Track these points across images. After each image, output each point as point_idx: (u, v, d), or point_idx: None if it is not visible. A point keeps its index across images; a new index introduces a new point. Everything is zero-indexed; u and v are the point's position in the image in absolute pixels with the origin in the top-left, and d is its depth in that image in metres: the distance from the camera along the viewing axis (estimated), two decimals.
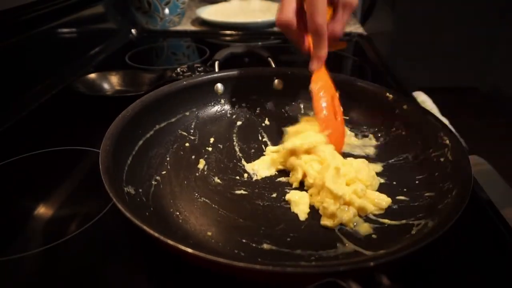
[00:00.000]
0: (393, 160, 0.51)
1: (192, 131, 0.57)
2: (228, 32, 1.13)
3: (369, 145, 0.55)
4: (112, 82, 0.73)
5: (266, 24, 1.15)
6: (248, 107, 0.62)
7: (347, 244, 0.39)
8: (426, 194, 0.43)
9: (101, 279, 0.37)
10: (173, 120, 0.55)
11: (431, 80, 2.18)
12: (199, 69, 0.72)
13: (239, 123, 0.60)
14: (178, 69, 0.72)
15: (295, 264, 0.31)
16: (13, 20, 0.70)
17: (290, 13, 0.51)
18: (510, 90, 2.37)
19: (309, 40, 0.55)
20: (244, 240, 0.39)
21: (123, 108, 0.48)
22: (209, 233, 0.40)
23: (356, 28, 1.16)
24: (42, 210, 0.46)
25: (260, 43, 1.07)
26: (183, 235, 0.39)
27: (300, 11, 0.51)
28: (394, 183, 0.47)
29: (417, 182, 0.46)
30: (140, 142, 0.49)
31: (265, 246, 0.39)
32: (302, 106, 0.62)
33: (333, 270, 0.28)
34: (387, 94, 0.55)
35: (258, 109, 0.62)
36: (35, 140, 0.59)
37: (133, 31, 1.10)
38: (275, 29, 1.16)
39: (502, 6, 2.28)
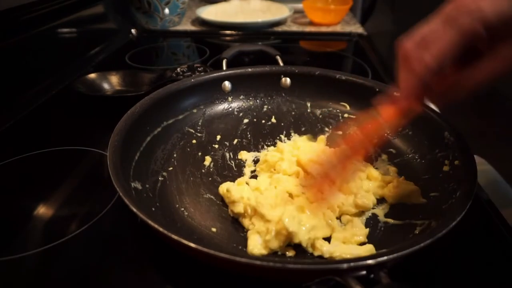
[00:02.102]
0: (398, 160, 0.51)
1: (199, 128, 0.57)
2: (228, 32, 1.13)
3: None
4: (112, 82, 0.73)
5: (266, 24, 1.15)
6: (255, 105, 0.62)
7: None
8: (431, 194, 0.43)
9: (101, 279, 0.37)
10: (180, 117, 0.56)
11: None
12: (199, 69, 0.72)
13: (246, 120, 0.60)
14: (178, 69, 0.72)
15: (296, 261, 0.31)
16: (13, 20, 0.70)
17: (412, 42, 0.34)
18: (510, 90, 2.37)
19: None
20: (246, 235, 0.39)
21: (123, 108, 0.48)
22: (214, 229, 0.41)
23: (356, 28, 1.16)
24: (42, 210, 0.46)
25: (260, 43, 1.07)
26: (188, 230, 0.40)
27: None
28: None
29: (422, 182, 0.46)
30: (148, 138, 0.49)
31: None
32: (309, 105, 0.62)
33: (333, 268, 0.28)
34: (394, 93, 0.55)
35: (265, 107, 0.62)
36: (35, 140, 0.59)
37: (133, 31, 1.10)
38: (275, 29, 1.16)
39: None
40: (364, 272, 0.29)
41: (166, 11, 1.09)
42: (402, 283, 0.28)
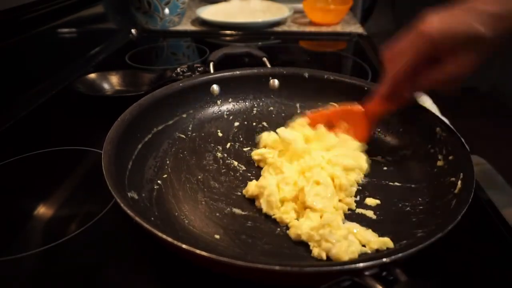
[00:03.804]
0: (391, 157, 0.51)
1: (190, 133, 0.56)
2: (228, 32, 1.13)
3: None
4: (112, 82, 0.73)
5: (266, 24, 1.15)
6: (244, 108, 0.62)
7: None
8: (429, 189, 0.44)
9: (101, 279, 0.37)
10: (170, 122, 0.55)
11: None
12: (199, 69, 0.72)
13: (236, 123, 0.60)
14: (178, 69, 0.72)
15: (313, 264, 0.31)
16: (13, 20, 0.70)
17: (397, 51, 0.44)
18: (510, 90, 2.37)
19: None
20: (250, 241, 0.39)
21: (123, 108, 0.48)
22: (217, 236, 0.40)
23: (356, 28, 1.16)
24: (42, 210, 0.46)
25: (260, 43, 1.07)
26: (191, 238, 0.39)
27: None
28: (395, 179, 0.47)
29: (417, 177, 0.46)
30: (139, 146, 0.48)
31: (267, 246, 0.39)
32: (298, 106, 0.62)
33: (349, 268, 0.28)
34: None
35: (254, 109, 0.62)
36: (35, 140, 0.59)
37: (133, 31, 1.10)
38: (275, 29, 1.16)
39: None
40: (379, 271, 0.29)
41: (166, 11, 1.09)
42: (421, 280, 0.28)
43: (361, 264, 0.28)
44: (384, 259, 0.28)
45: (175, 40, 1.11)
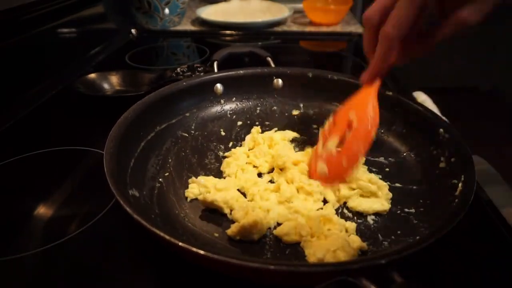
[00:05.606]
0: (393, 158, 0.51)
1: (192, 132, 0.56)
2: (228, 32, 1.13)
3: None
4: (112, 82, 0.73)
5: (266, 24, 1.15)
6: (248, 107, 0.62)
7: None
8: (431, 191, 0.44)
9: (101, 279, 0.37)
10: (173, 121, 0.55)
11: (431, 80, 2.18)
12: (199, 69, 0.72)
13: (239, 123, 0.60)
14: (178, 69, 0.72)
15: (308, 264, 0.30)
16: (13, 20, 0.70)
17: (372, 10, 0.43)
18: (510, 90, 2.37)
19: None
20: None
21: (123, 108, 0.48)
22: (216, 234, 0.40)
23: (356, 28, 1.16)
24: (42, 210, 0.46)
25: (260, 43, 1.07)
26: (190, 236, 0.39)
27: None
28: (396, 180, 0.47)
29: (419, 178, 0.46)
30: (142, 144, 0.48)
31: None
32: (301, 105, 0.62)
33: (345, 268, 0.28)
34: (387, 92, 0.55)
35: (258, 108, 0.62)
36: (35, 140, 0.59)
37: (133, 31, 1.10)
38: (275, 29, 1.16)
39: (503, 6, 2.27)
40: (375, 272, 0.28)
41: (166, 11, 1.09)
42: (417, 282, 0.28)
43: (357, 265, 0.28)
44: (381, 260, 0.28)
45: (175, 40, 1.11)
